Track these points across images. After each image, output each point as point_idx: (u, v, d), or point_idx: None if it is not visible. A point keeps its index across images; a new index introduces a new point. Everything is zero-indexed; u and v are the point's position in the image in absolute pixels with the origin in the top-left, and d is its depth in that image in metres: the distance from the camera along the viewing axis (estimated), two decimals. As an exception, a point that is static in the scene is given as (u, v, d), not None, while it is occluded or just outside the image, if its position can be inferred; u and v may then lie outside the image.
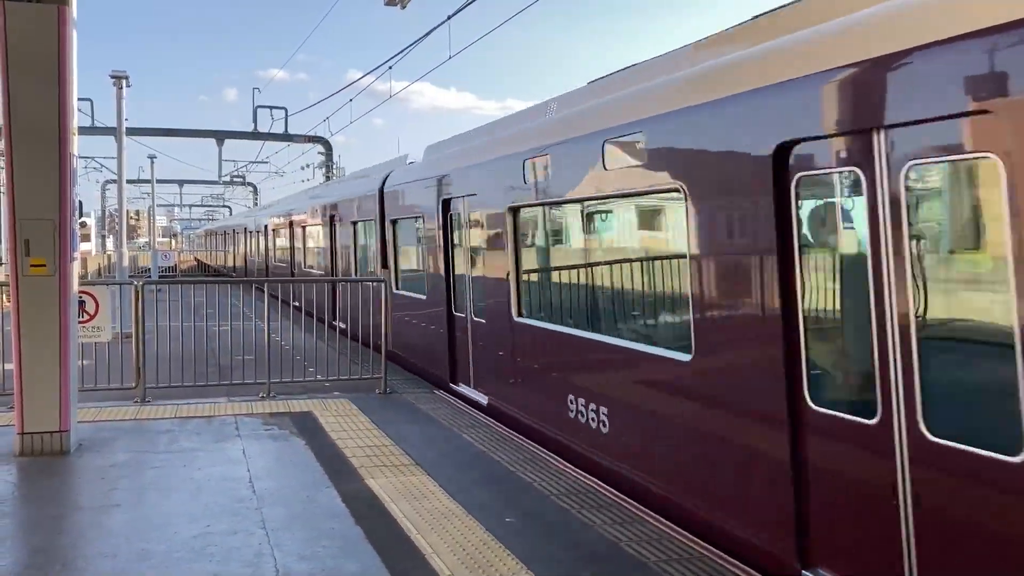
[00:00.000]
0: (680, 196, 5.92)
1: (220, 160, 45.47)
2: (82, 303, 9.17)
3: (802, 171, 4.83)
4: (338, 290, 15.63)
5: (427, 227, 11.66)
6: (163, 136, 38.65)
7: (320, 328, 15.10)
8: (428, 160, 12.68)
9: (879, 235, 4.34)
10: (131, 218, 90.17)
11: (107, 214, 63.80)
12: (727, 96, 5.45)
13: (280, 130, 36.67)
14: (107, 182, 59.84)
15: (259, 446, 7.95)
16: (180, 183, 73.23)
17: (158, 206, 58.20)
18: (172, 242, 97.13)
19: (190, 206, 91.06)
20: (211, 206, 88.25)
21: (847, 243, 4.68)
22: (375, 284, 12.39)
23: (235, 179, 58.78)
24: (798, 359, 4.83)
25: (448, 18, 15.42)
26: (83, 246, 51.85)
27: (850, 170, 4.51)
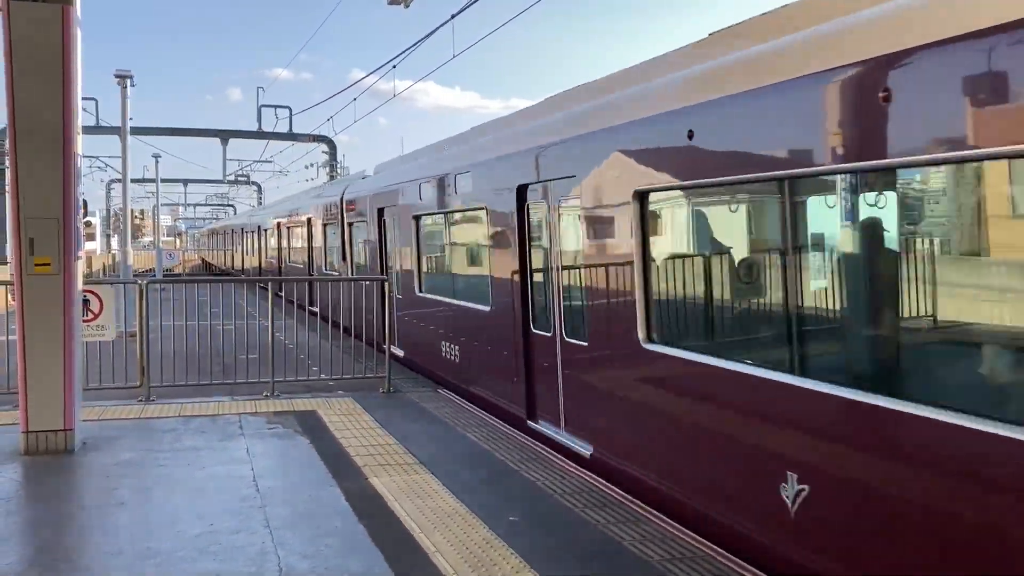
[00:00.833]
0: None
1: (224, 159, 45.50)
2: (86, 302, 9.19)
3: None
4: (318, 285, 18.77)
5: (369, 229, 15.13)
6: (167, 135, 38.76)
7: (300, 313, 17.92)
8: (373, 177, 16.63)
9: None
10: (136, 217, 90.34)
11: (112, 213, 63.92)
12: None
13: (284, 129, 36.73)
14: (112, 181, 59.99)
15: (263, 445, 7.96)
16: (184, 182, 73.28)
17: (162, 205, 58.28)
18: (177, 241, 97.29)
19: (195, 205, 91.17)
20: (216, 205, 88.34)
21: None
22: (369, 283, 12.46)
23: (240, 178, 58.84)
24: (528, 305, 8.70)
25: (452, 17, 15.41)
26: (88, 245, 52.04)
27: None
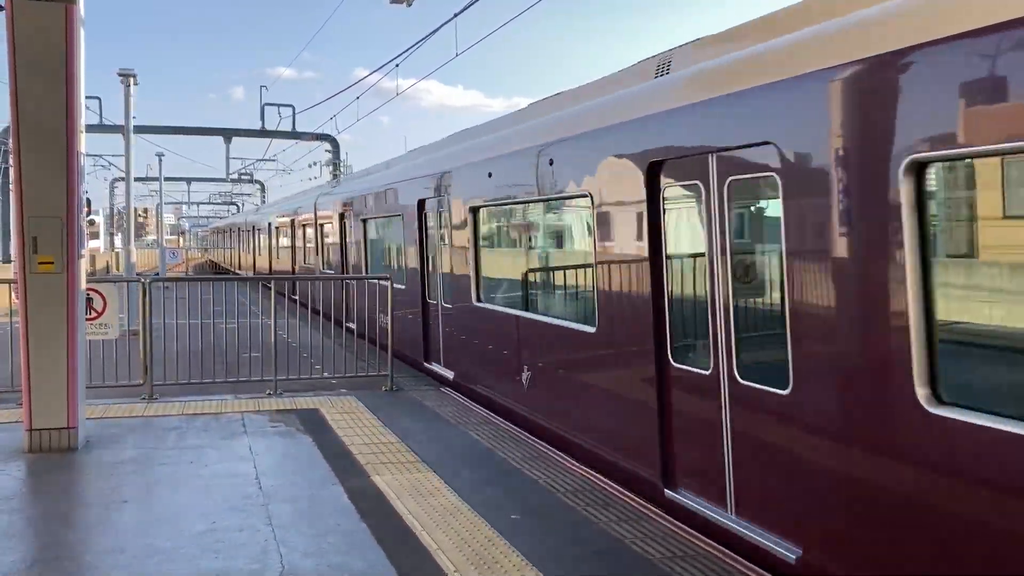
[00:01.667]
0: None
1: (228, 158, 45.52)
2: (90, 300, 9.21)
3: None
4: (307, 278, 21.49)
5: (335, 230, 18.77)
6: (171, 134, 38.73)
7: (283, 300, 19.88)
8: (339, 187, 20.56)
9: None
10: (139, 216, 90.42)
11: (115, 212, 63.99)
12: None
13: (288, 128, 36.71)
14: (115, 180, 59.99)
15: (266, 443, 7.97)
16: (188, 181, 73.36)
17: (166, 204, 58.32)
18: (180, 239, 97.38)
19: (198, 204, 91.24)
20: (219, 204, 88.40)
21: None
22: (379, 281, 12.43)
23: (243, 177, 58.86)
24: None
25: (454, 16, 15.41)
26: (91, 243, 52.11)
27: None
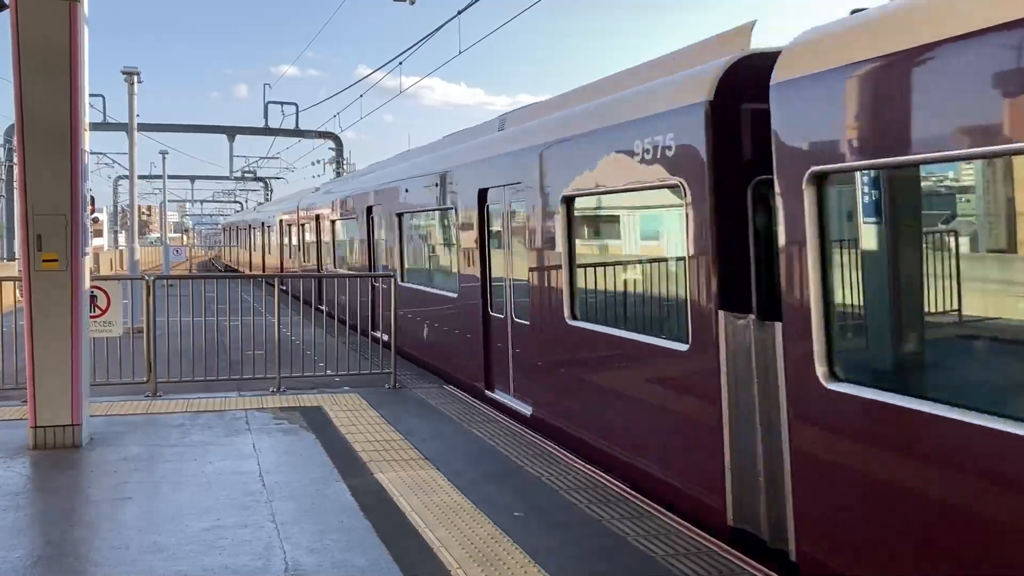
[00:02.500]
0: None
1: (231, 155, 45.61)
2: (93, 298, 9.24)
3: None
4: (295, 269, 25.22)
5: (312, 229, 22.08)
6: (174, 132, 38.83)
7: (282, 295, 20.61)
8: (319, 191, 23.89)
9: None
10: (143, 213, 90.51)
11: (119, 209, 64.09)
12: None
13: (291, 126, 36.76)
14: (119, 178, 60.11)
15: (269, 440, 8.00)
16: (192, 179, 73.48)
17: (170, 201, 58.45)
18: (184, 237, 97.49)
19: (201, 202, 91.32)
20: (223, 201, 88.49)
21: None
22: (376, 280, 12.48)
23: (246, 174, 58.93)
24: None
25: (458, 13, 15.43)
26: (95, 241, 52.13)
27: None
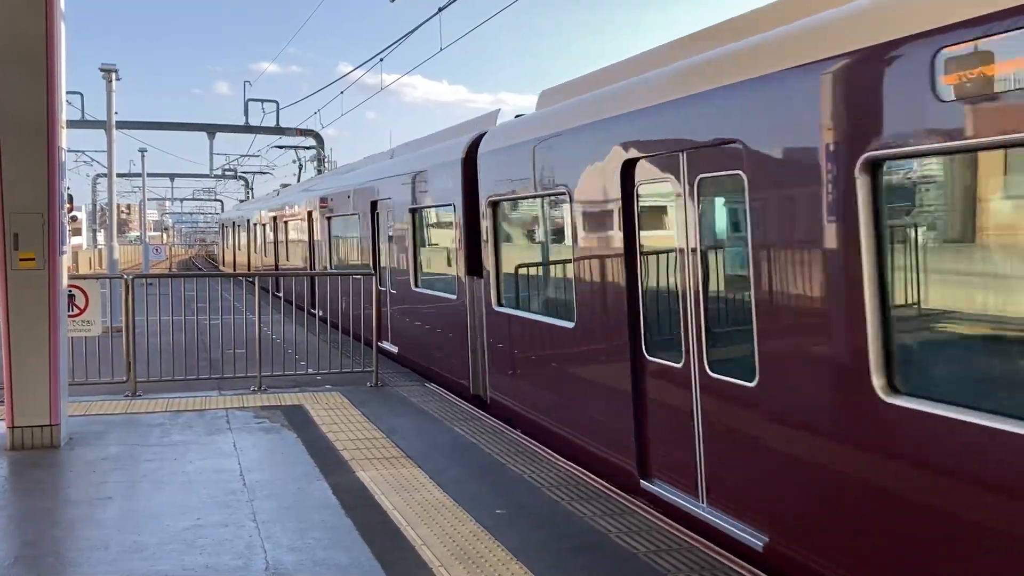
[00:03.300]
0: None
1: (211, 153, 45.19)
2: (72, 297, 9.16)
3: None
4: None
5: (270, 227, 25.89)
6: (154, 129, 38.47)
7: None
8: (279, 193, 28.02)
9: None
10: (122, 212, 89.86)
11: (98, 208, 63.53)
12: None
13: (272, 123, 36.53)
14: (98, 176, 59.57)
15: (250, 439, 7.96)
16: (171, 176, 72.88)
17: (149, 200, 57.94)
18: (164, 236, 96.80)
19: (181, 200, 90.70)
20: (203, 200, 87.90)
21: None
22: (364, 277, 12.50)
23: (227, 173, 58.56)
24: None
25: (439, 10, 15.41)
26: (74, 240, 51.72)
27: None
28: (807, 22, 4.84)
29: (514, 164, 8.49)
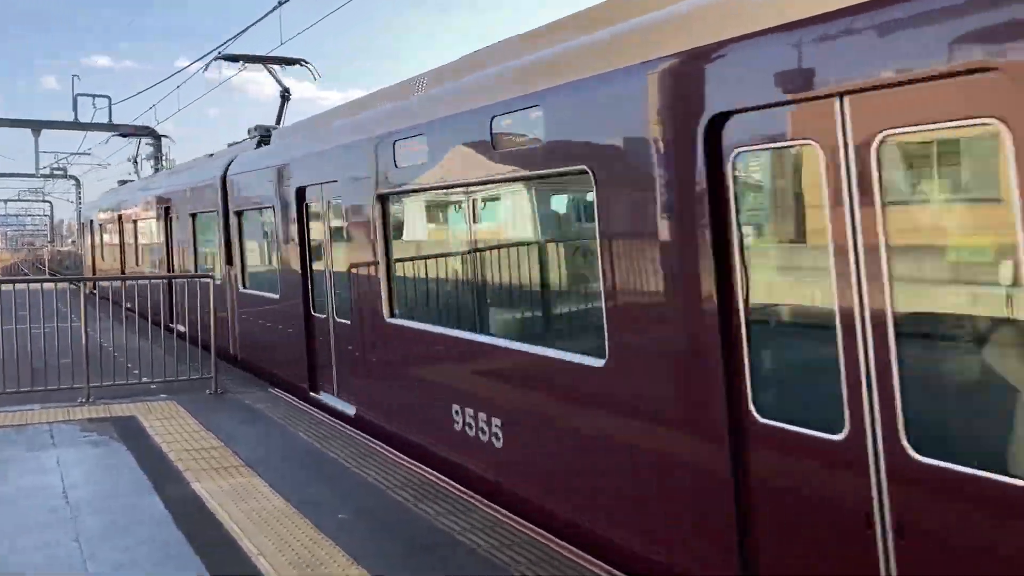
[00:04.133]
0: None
1: (37, 151, 42.33)
2: None
3: None
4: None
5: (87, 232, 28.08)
6: (-32, 125, 35.66)
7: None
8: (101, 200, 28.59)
9: None
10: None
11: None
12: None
13: (104, 120, 34.57)
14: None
15: (76, 454, 7.49)
16: (-10, 176, 67.63)
17: (-33, 201, 53.68)
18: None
19: (5, 201, 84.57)
20: (29, 200, 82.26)
21: None
22: (203, 280, 12.09)
23: (55, 172, 54.97)
24: None
25: (279, 4, 15.02)
26: None
27: None
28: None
29: (244, 186, 12.02)
